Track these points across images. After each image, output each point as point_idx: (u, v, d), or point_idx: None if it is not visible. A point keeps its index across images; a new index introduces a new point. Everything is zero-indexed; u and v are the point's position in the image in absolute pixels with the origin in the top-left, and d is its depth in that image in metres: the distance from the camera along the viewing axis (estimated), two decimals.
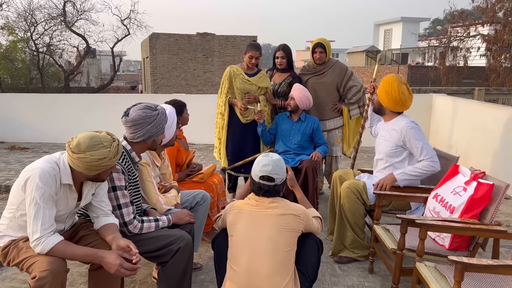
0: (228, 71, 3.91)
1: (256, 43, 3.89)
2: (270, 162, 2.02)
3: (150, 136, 2.20)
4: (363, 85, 4.11)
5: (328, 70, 4.03)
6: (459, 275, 1.77)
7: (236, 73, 3.89)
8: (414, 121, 2.89)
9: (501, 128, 4.69)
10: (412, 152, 2.85)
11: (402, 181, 2.83)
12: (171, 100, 3.00)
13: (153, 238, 2.18)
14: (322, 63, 4.01)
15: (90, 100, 8.09)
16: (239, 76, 3.87)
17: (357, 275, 2.81)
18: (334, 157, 4.15)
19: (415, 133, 2.80)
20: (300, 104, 3.65)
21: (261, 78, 3.91)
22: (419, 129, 2.84)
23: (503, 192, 2.25)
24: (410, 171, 2.80)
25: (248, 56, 3.83)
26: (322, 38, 4.00)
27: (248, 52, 3.82)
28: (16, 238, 1.92)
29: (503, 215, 4.01)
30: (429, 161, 2.76)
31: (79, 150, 1.80)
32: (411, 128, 2.81)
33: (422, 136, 2.82)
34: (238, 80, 3.87)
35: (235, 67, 3.94)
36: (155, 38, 20.31)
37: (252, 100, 3.87)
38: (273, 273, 1.87)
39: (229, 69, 3.92)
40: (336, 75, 4.02)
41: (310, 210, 2.29)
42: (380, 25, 38.44)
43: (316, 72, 4.06)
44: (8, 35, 18.25)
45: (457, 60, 17.71)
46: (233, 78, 3.89)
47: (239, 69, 3.91)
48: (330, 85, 4.02)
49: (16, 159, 6.37)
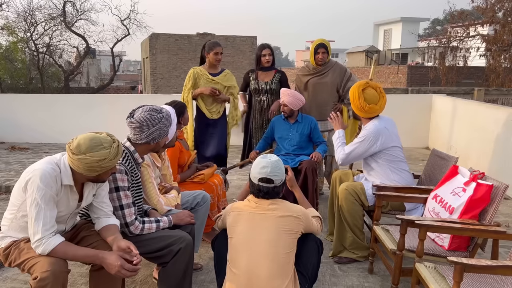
0: (192, 72, 3.87)
1: (214, 40, 3.93)
2: (268, 164, 2.02)
3: (154, 138, 2.22)
4: None
5: (328, 70, 4.05)
6: (458, 276, 1.78)
7: (200, 73, 3.85)
8: (382, 127, 2.90)
9: (500, 129, 4.69)
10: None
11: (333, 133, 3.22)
12: (171, 101, 3.01)
13: (154, 238, 2.19)
14: (323, 63, 4.02)
15: (90, 100, 8.10)
16: (203, 76, 3.85)
17: (357, 275, 2.81)
18: (334, 156, 4.15)
19: (368, 133, 2.89)
20: (294, 107, 3.66)
21: (226, 77, 3.95)
22: (377, 134, 2.87)
23: (502, 193, 2.26)
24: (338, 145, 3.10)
25: (213, 53, 3.80)
26: (322, 39, 4.02)
27: (213, 49, 3.79)
28: (17, 239, 1.93)
29: (503, 215, 4.02)
30: (343, 153, 2.99)
31: (79, 151, 1.80)
32: (368, 130, 2.90)
33: (369, 141, 2.88)
34: (202, 81, 3.84)
35: (198, 68, 3.91)
36: (155, 38, 20.32)
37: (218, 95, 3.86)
38: (272, 275, 1.88)
39: (192, 70, 3.88)
40: (337, 75, 4.04)
41: (309, 210, 2.30)
42: (379, 25, 38.43)
43: (317, 73, 4.07)
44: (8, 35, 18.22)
45: (456, 60, 17.73)
46: (198, 79, 3.86)
47: (202, 69, 3.88)
48: (331, 85, 4.04)
49: (16, 159, 6.38)
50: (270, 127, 3.88)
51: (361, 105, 2.91)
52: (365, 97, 2.91)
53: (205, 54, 3.87)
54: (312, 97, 4.08)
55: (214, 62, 3.85)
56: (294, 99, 3.64)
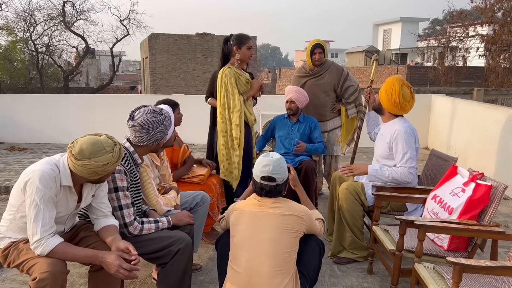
0: (227, 72, 3.20)
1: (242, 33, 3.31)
2: (270, 162, 2.02)
3: (156, 140, 2.22)
4: (358, 85, 4.15)
5: (325, 71, 4.04)
6: (457, 276, 1.78)
7: (237, 73, 3.24)
8: (412, 127, 2.87)
9: (499, 129, 4.70)
10: (394, 155, 2.82)
11: (372, 176, 2.83)
12: (163, 100, 2.90)
13: (153, 239, 2.19)
14: (320, 64, 4.02)
15: (89, 100, 8.10)
16: (241, 77, 3.24)
17: (356, 275, 2.81)
18: (334, 156, 4.17)
19: (406, 138, 2.78)
20: (301, 104, 3.68)
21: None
22: (413, 136, 2.81)
23: (501, 193, 2.26)
24: (384, 172, 2.79)
25: (246, 48, 3.24)
26: (318, 39, 4.02)
27: (246, 43, 3.23)
28: (16, 239, 1.93)
29: (502, 215, 4.02)
30: (407, 169, 2.74)
31: (82, 156, 1.80)
32: (404, 133, 2.79)
33: (412, 144, 2.79)
34: (241, 82, 3.25)
35: (230, 67, 3.24)
36: (154, 39, 20.31)
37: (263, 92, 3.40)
38: (272, 273, 1.88)
39: (226, 70, 3.22)
40: (334, 76, 4.03)
41: (313, 211, 2.29)
42: (379, 25, 38.47)
43: (314, 74, 4.07)
44: (7, 35, 18.26)
45: (456, 60, 17.74)
46: (237, 81, 3.23)
47: (237, 70, 3.26)
48: (328, 86, 4.04)
49: (15, 159, 6.37)
50: (270, 126, 3.88)
51: (399, 101, 2.82)
52: (403, 93, 2.84)
53: (234, 50, 3.23)
54: (309, 98, 4.08)
55: (247, 60, 3.27)
56: (301, 95, 3.66)
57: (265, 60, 76.27)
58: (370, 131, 3.38)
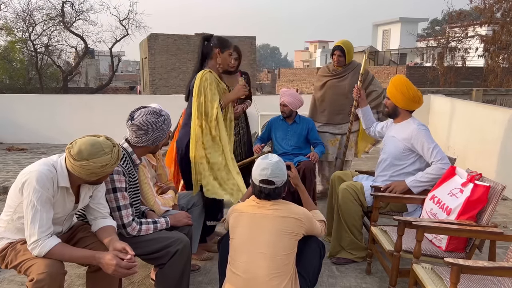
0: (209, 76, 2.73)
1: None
2: (269, 165, 2.00)
3: (155, 141, 2.23)
4: (384, 90, 3.91)
5: (349, 73, 3.92)
6: (455, 277, 1.78)
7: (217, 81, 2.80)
8: (423, 123, 2.90)
9: (498, 130, 4.70)
10: (422, 154, 2.82)
11: (414, 188, 2.80)
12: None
13: (151, 240, 2.19)
14: (343, 65, 3.92)
15: (88, 101, 8.09)
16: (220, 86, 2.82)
17: (355, 276, 2.81)
18: (346, 160, 4.07)
19: (426, 135, 2.80)
20: (294, 107, 3.67)
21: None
22: (429, 131, 2.85)
23: (499, 194, 2.26)
24: (422, 177, 2.78)
25: (228, 53, 2.89)
26: (343, 41, 3.88)
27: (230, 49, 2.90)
28: (14, 240, 1.93)
29: (500, 216, 4.03)
30: (439, 163, 2.73)
31: (81, 157, 1.80)
32: (422, 131, 2.81)
33: (432, 138, 2.82)
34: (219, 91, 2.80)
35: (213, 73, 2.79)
36: (153, 39, 20.31)
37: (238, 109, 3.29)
38: (271, 276, 1.87)
39: (209, 74, 2.74)
40: (356, 78, 3.80)
41: (314, 212, 2.27)
42: (378, 25, 38.48)
43: (336, 75, 3.97)
44: (7, 35, 18.26)
45: (455, 61, 17.75)
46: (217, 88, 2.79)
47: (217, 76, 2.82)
48: (349, 88, 3.84)
49: (14, 160, 6.36)
50: (267, 128, 3.88)
51: (415, 94, 2.86)
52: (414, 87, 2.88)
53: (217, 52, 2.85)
54: (327, 99, 3.98)
55: (225, 67, 2.94)
56: (294, 99, 3.65)
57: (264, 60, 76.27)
58: (368, 126, 3.38)
